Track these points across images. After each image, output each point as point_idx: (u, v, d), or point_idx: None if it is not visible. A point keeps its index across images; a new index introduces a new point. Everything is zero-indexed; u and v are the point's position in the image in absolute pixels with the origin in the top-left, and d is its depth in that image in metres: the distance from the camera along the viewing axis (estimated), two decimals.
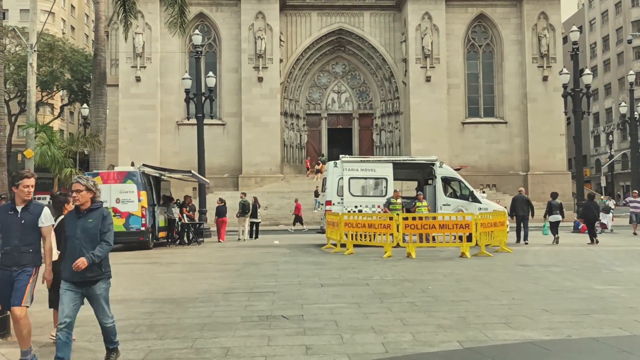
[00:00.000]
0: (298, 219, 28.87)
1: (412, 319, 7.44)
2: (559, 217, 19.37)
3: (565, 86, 28.08)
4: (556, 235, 19.16)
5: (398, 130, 43.86)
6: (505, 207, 20.58)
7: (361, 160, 20.34)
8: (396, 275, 11.62)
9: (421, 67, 40.91)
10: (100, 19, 26.31)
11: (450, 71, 41.69)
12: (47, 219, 5.72)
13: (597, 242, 18.89)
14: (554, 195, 20.07)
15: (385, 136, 44.65)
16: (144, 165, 20.00)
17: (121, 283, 11.16)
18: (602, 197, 39.02)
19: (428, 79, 40.83)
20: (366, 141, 45.32)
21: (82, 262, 5.24)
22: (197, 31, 29.42)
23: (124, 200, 18.10)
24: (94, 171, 21.49)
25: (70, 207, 7.15)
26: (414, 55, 40.93)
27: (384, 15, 43.51)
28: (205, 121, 27.36)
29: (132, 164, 25.55)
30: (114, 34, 40.87)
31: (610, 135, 63.25)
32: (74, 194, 5.41)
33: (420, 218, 15.99)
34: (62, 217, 7.00)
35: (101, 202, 5.60)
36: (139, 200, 18.18)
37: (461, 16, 42.24)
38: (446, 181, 19.90)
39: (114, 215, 18.10)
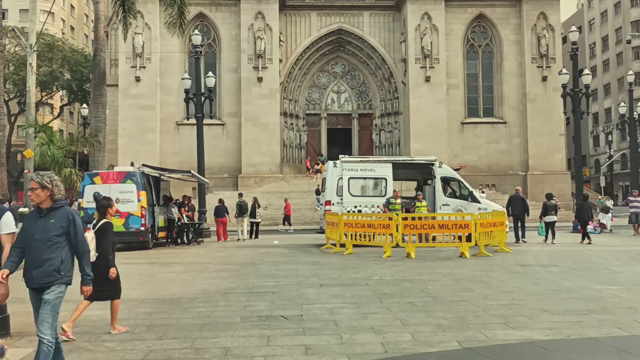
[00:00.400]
0: (287, 219, 28.90)
1: (411, 319, 7.45)
2: (554, 217, 19.70)
3: (564, 86, 28.09)
4: (552, 237, 19.35)
5: (397, 130, 43.85)
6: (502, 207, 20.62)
7: (360, 161, 20.35)
8: (395, 275, 11.64)
9: (421, 67, 40.89)
10: (100, 19, 26.32)
11: (450, 71, 41.67)
12: (4, 227, 5.13)
13: (587, 242, 19.07)
14: (549, 196, 20.42)
15: (385, 136, 44.64)
16: (143, 165, 20.02)
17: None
18: (600, 197, 39.08)
19: (427, 79, 40.82)
20: (366, 141, 45.31)
21: (88, 289, 5.12)
22: (196, 31, 29.41)
23: (124, 200, 18.11)
24: (94, 171, 21.49)
25: (112, 211, 7.36)
26: (414, 55, 40.92)
27: (383, 15, 43.49)
28: (205, 121, 27.36)
29: (132, 164, 25.54)
30: (114, 34, 40.85)
31: (610, 136, 63.27)
32: (29, 193, 5.00)
33: (420, 218, 16.02)
34: (103, 221, 7.15)
35: (65, 200, 5.11)
36: (139, 200, 18.20)
37: (460, 16, 42.22)
38: (445, 181, 19.92)
39: (113, 216, 18.09)
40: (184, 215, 21.78)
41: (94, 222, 7.30)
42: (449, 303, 8.51)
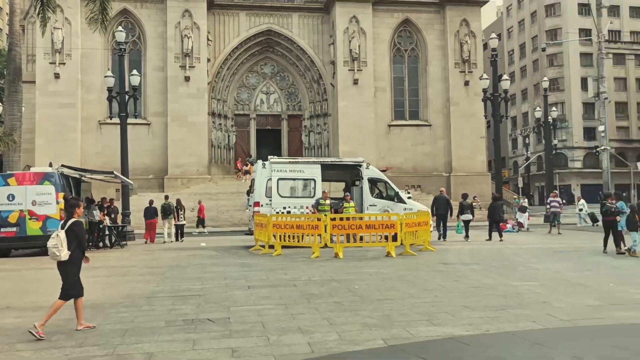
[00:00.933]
0: (201, 222, 27.92)
1: (338, 318, 7.52)
2: (469, 216, 20.96)
3: (485, 91, 29.23)
4: (466, 236, 20.49)
5: (327, 131, 44.22)
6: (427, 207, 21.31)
7: (290, 162, 20.39)
8: (323, 275, 11.72)
9: (349, 70, 41.45)
10: (15, 12, 24.96)
11: (377, 74, 42.45)
12: None
13: (488, 239, 20.28)
14: (465, 196, 21.65)
15: (314, 137, 44.92)
16: (62, 165, 19.21)
17: (38, 289, 10.65)
18: (515, 196, 40.96)
19: (356, 82, 41.42)
20: (295, 142, 45.41)
21: None
22: (120, 28, 28.40)
23: (41, 202, 17.31)
24: (8, 172, 20.37)
25: (80, 211, 7.53)
26: (342, 58, 41.42)
27: (312, 17, 43.77)
28: (130, 121, 26.56)
29: (50, 165, 24.43)
30: (31, 27, 38.87)
31: (527, 139, 66.44)
32: None
33: (348, 219, 16.21)
34: (72, 220, 7.29)
35: None
36: (57, 203, 17.42)
37: (387, 21, 43.12)
38: (373, 182, 20.26)
39: (30, 219, 17.28)
40: (106, 217, 21.04)
41: (62, 222, 7.44)
42: (376, 302, 8.66)
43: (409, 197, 22.76)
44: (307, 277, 11.51)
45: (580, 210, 30.39)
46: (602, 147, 34.74)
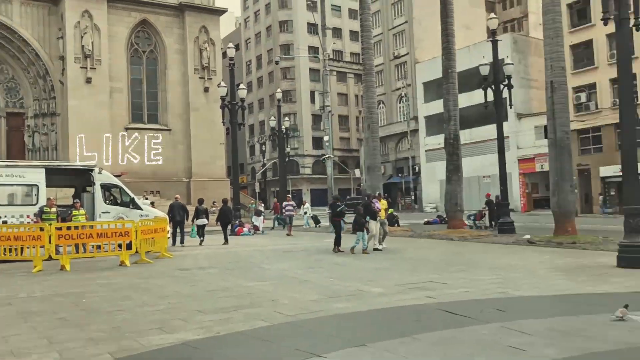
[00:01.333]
0: None
1: (60, 335, 6.91)
2: (204, 220, 21.50)
3: (223, 98, 29.97)
4: (201, 238, 20.94)
5: (55, 132, 40.49)
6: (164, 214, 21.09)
7: (7, 165, 18.18)
8: (46, 290, 10.68)
9: (81, 67, 38.67)
10: None
11: (113, 74, 40.42)
12: None
13: (226, 242, 21.09)
14: (200, 201, 22.26)
15: (40, 139, 40.72)
16: None
17: None
18: (252, 201, 43.03)
19: (89, 81, 38.82)
20: (16, 144, 40.58)
21: None
22: None
23: None
24: None
25: None
26: (73, 54, 38.46)
27: (37, 7, 39.70)
28: None
29: None
30: None
31: (263, 146, 70.09)
32: None
33: (77, 227, 15.09)
34: None
35: None
36: None
37: (124, 19, 41.37)
38: (106, 188, 19.22)
39: None
40: None
41: None
42: (105, 314, 8.20)
43: (151, 203, 22.20)
44: (27, 293, 10.36)
45: (305, 213, 33.19)
46: (327, 156, 38.50)
